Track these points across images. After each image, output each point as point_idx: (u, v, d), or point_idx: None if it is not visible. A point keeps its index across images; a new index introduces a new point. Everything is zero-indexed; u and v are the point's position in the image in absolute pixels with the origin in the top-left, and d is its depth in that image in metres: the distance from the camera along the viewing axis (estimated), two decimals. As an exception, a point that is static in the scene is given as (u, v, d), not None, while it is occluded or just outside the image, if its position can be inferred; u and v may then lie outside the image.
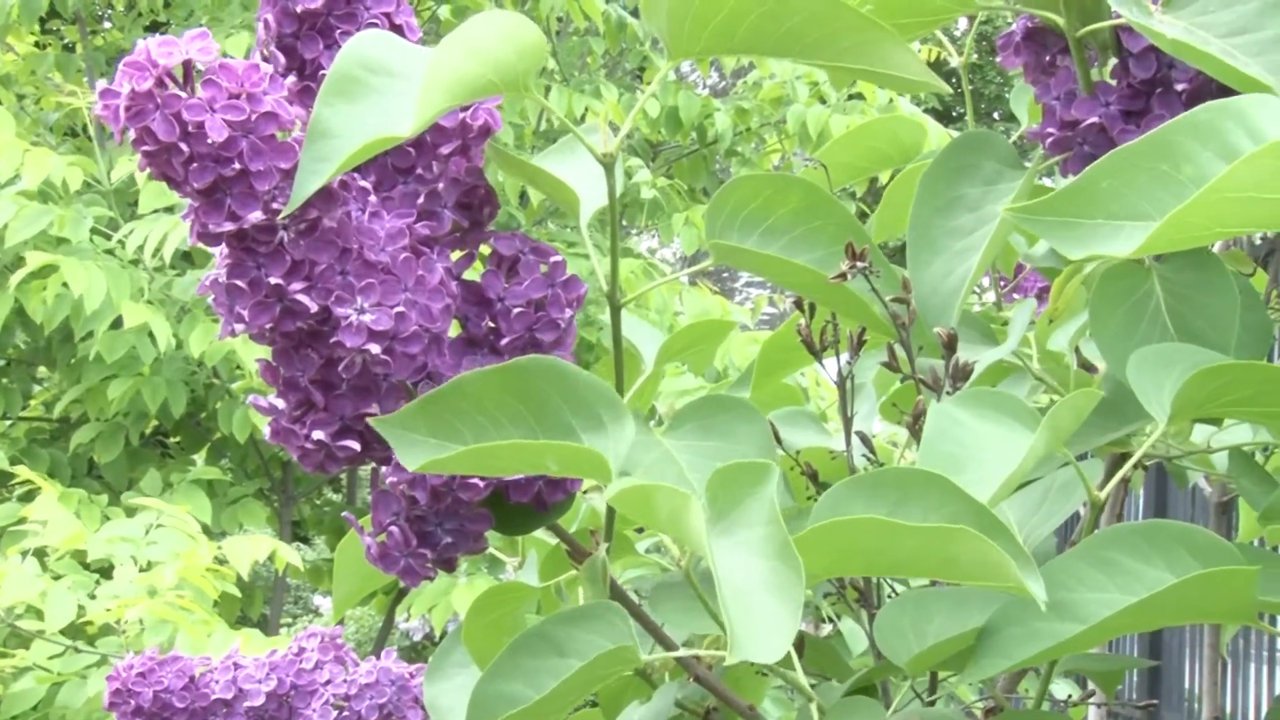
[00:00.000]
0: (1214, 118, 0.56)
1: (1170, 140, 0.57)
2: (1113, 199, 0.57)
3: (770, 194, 0.76)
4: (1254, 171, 0.51)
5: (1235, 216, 0.53)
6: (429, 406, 0.67)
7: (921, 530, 0.61)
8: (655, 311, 3.73)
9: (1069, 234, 0.58)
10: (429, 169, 0.70)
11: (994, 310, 1.17)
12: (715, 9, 0.65)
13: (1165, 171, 0.56)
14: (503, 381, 0.67)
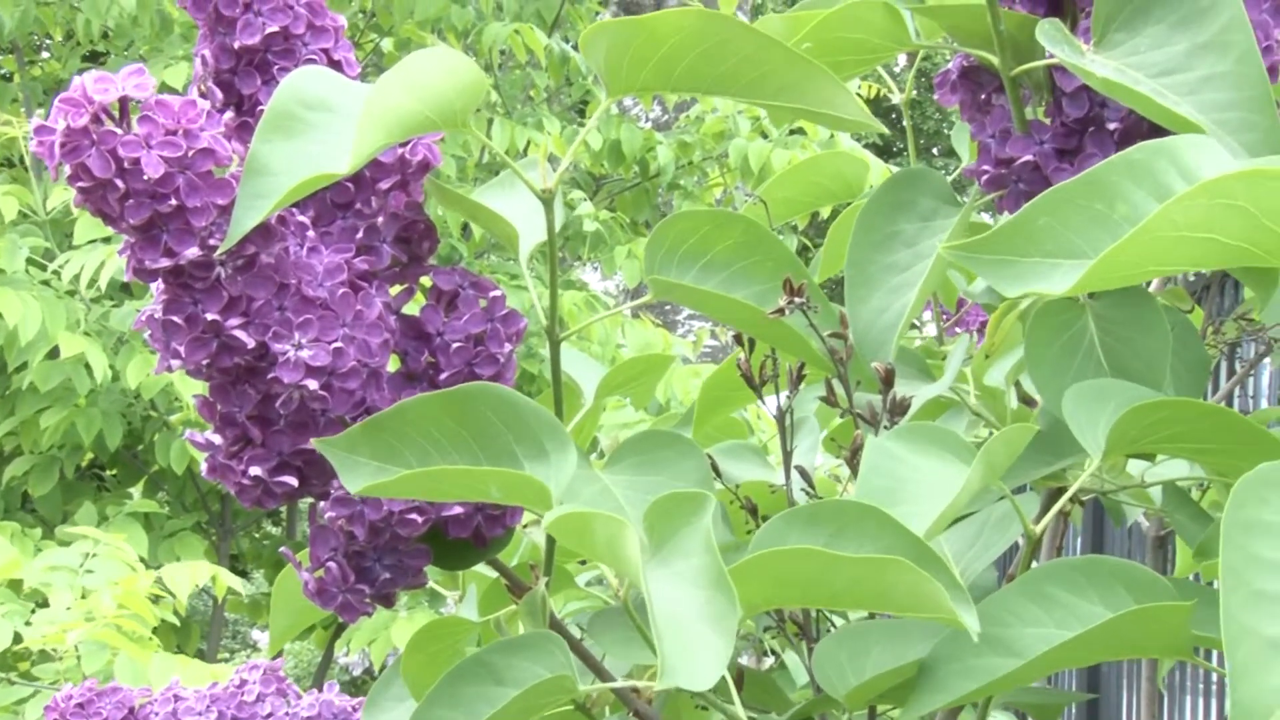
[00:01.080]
0: (1148, 157, 0.57)
1: (1105, 179, 0.58)
2: (1048, 237, 0.58)
3: (709, 229, 0.77)
4: (1186, 212, 0.51)
5: (1168, 255, 0.54)
6: (372, 430, 0.67)
7: (856, 561, 0.61)
8: (598, 344, 3.74)
9: (1005, 272, 0.59)
10: (368, 204, 0.70)
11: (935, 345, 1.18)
12: (653, 49, 0.66)
13: (1100, 210, 0.57)
14: (446, 406, 0.67)
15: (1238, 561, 0.50)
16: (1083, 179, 0.58)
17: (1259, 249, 0.52)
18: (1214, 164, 0.56)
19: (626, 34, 0.65)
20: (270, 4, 0.69)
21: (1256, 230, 0.51)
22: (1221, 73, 0.67)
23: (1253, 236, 0.52)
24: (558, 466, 0.68)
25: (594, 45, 0.67)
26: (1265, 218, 0.51)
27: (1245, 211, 0.51)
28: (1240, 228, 0.51)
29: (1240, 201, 0.51)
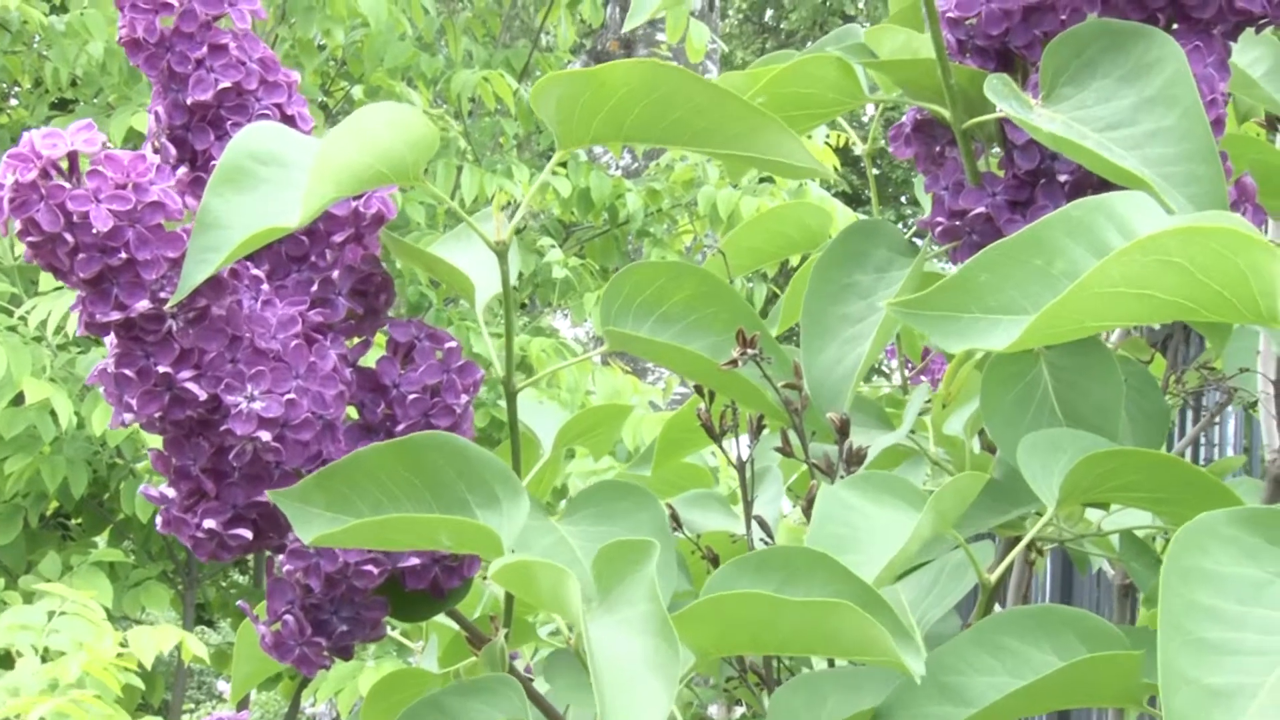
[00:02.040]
0: (1086, 214, 0.57)
1: (1044, 236, 0.58)
2: (989, 293, 0.58)
3: (665, 281, 0.77)
4: (1123, 267, 0.52)
5: (1106, 311, 0.54)
6: (326, 480, 0.67)
7: (804, 605, 0.61)
8: (567, 390, 3.74)
9: (948, 328, 0.59)
10: (323, 257, 0.71)
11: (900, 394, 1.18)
12: (603, 100, 0.66)
13: (1039, 266, 0.57)
14: (399, 456, 0.68)
15: (1177, 609, 0.50)
16: (1022, 235, 0.59)
17: (1195, 304, 0.53)
18: (1151, 221, 0.57)
19: (576, 86, 0.66)
20: (223, 60, 0.70)
21: (1192, 286, 0.52)
22: (1167, 127, 0.68)
23: (1188, 292, 0.52)
24: (509, 515, 0.68)
25: (545, 98, 0.67)
26: (1200, 273, 0.51)
27: (1181, 267, 0.51)
28: (1176, 283, 0.52)
29: (1176, 258, 0.51)
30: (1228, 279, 0.51)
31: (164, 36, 0.69)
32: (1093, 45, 0.71)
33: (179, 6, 0.69)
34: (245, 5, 0.70)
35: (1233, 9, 0.73)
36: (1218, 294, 0.52)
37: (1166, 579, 0.50)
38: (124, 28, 0.69)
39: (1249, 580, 0.51)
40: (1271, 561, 0.52)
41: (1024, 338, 0.55)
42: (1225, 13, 0.74)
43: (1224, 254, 0.51)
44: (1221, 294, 0.52)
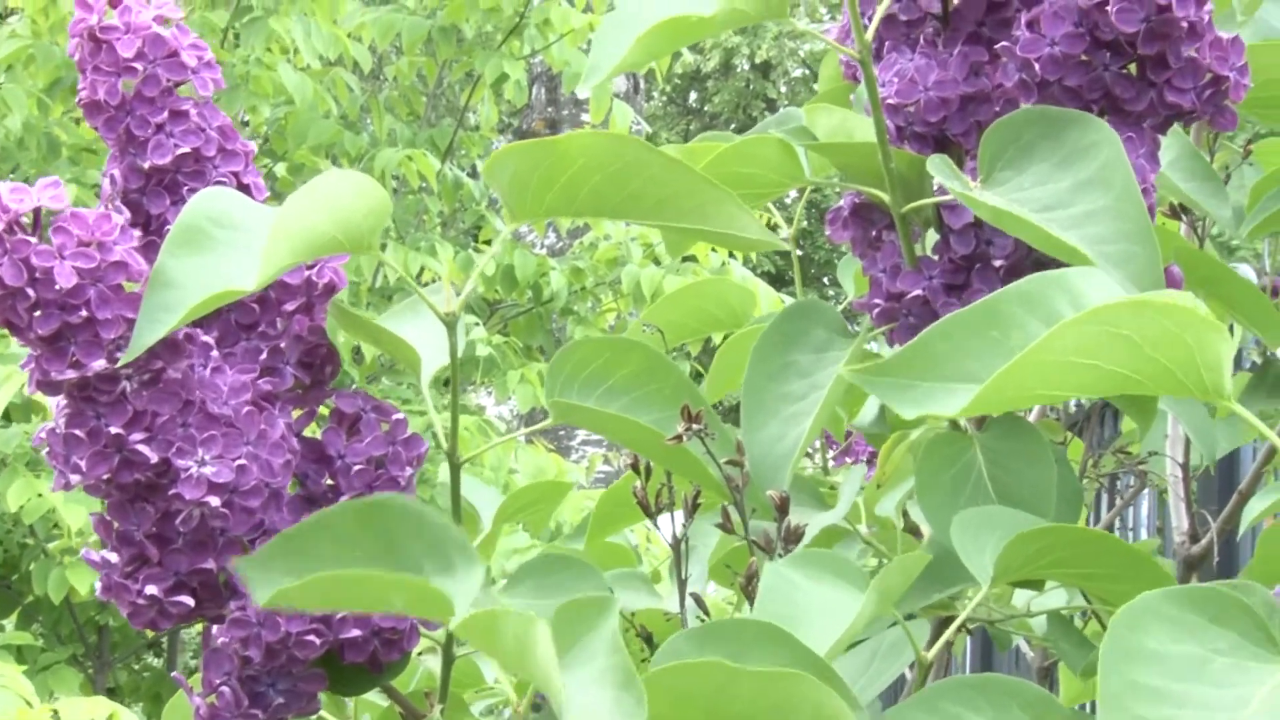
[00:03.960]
0: (1041, 287, 0.59)
1: (1000, 308, 0.60)
2: (946, 362, 0.59)
3: (610, 356, 0.78)
4: (1073, 337, 0.53)
5: (1056, 380, 0.56)
6: (286, 543, 0.66)
7: (760, 675, 0.61)
8: (490, 469, 3.72)
9: (904, 395, 0.60)
10: (272, 326, 0.71)
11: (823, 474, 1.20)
12: (559, 172, 0.67)
13: (996, 337, 0.59)
14: (357, 517, 0.67)
15: (1117, 688, 0.51)
16: (980, 306, 0.60)
17: (1141, 377, 0.54)
18: (1104, 295, 0.58)
19: (534, 157, 0.67)
20: (182, 126, 0.70)
21: (1139, 359, 0.53)
22: (1103, 207, 0.70)
23: (1136, 365, 0.54)
24: (464, 580, 0.68)
25: (499, 169, 0.68)
26: (1148, 347, 0.53)
27: (1129, 340, 0.53)
28: (1124, 356, 0.53)
29: (1125, 330, 0.53)
30: (1175, 354, 0.53)
31: (125, 100, 0.70)
32: (1029, 131, 0.74)
33: (142, 71, 0.69)
34: (207, 74, 0.70)
35: (1164, 103, 0.76)
36: (1164, 368, 0.53)
37: (1106, 658, 0.51)
38: (84, 89, 0.69)
39: (1190, 658, 0.52)
40: (1212, 639, 0.53)
41: (975, 403, 0.56)
42: (1156, 106, 0.76)
43: (1172, 329, 0.52)
44: (1168, 368, 0.53)
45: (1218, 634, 0.54)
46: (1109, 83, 0.76)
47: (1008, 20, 0.79)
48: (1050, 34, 0.76)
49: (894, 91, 0.79)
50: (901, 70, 0.79)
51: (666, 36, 0.70)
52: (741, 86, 11.95)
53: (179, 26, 0.70)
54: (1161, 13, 0.73)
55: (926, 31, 0.81)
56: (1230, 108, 0.77)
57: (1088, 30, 0.75)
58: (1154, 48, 0.75)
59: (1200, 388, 0.53)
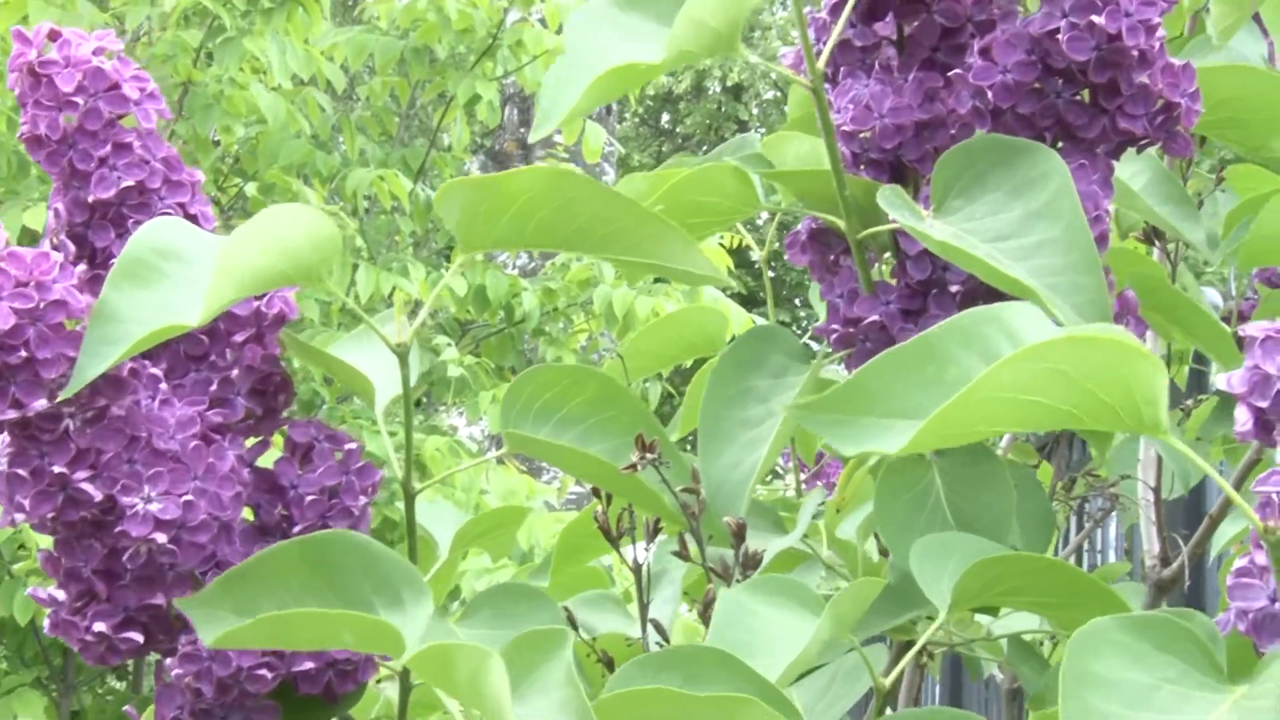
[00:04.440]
0: (977, 323, 0.59)
1: (936, 344, 0.60)
2: (883, 398, 0.59)
3: (566, 384, 0.78)
4: (1012, 374, 0.53)
5: (996, 416, 0.56)
6: (232, 583, 0.66)
7: (709, 700, 0.61)
8: (461, 490, 3.71)
9: (843, 431, 0.60)
10: (222, 356, 0.70)
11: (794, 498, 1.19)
12: (506, 206, 0.67)
13: (932, 373, 0.59)
14: (304, 554, 0.67)
15: (1075, 713, 0.52)
16: (916, 343, 0.60)
17: (1081, 412, 0.54)
18: (1040, 330, 0.58)
19: (480, 192, 0.67)
20: (126, 158, 0.70)
21: (1078, 394, 0.54)
22: (1052, 238, 0.70)
23: (1075, 400, 0.54)
24: (413, 615, 0.68)
25: (448, 203, 0.68)
26: (1086, 382, 0.53)
27: (1067, 376, 0.53)
28: (1063, 391, 0.54)
29: (1063, 366, 0.53)
30: (1112, 388, 0.53)
31: (67, 134, 0.69)
32: (982, 160, 0.74)
33: (83, 105, 0.69)
34: (150, 105, 0.70)
35: (1116, 129, 0.76)
36: (1102, 402, 0.53)
37: (1065, 684, 0.52)
38: (26, 124, 0.69)
39: (1140, 685, 0.53)
40: (1161, 667, 0.53)
41: (915, 441, 0.56)
42: (1109, 133, 0.77)
43: (1109, 364, 0.52)
44: (1106, 402, 0.53)
45: (1166, 662, 0.55)
46: (1062, 110, 0.76)
47: (962, 46, 0.79)
48: (1003, 61, 0.76)
49: (849, 118, 0.79)
50: (857, 96, 0.79)
51: (616, 82, 0.71)
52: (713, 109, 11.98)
53: (120, 58, 0.69)
54: (1112, 41, 0.74)
55: (882, 57, 0.81)
56: (1182, 133, 0.77)
57: (1040, 58, 0.76)
58: (1105, 75, 0.75)
59: (1137, 421, 0.53)
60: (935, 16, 0.79)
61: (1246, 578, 0.56)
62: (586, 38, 0.72)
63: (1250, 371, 0.55)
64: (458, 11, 4.34)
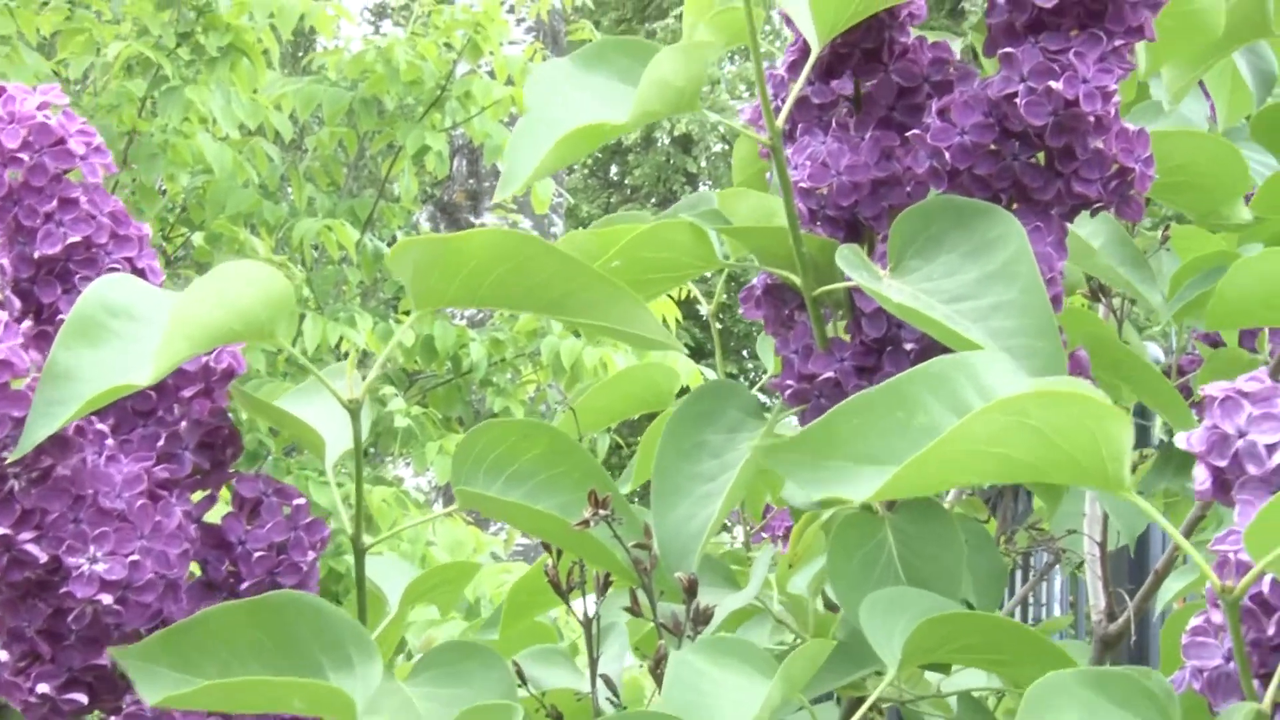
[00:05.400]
0: (946, 371, 0.59)
1: (906, 390, 0.60)
2: (852, 442, 0.59)
3: (516, 439, 0.77)
4: (985, 426, 0.53)
5: (966, 468, 0.56)
6: (172, 639, 0.65)
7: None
8: (408, 542, 3.68)
9: (810, 474, 0.60)
10: (170, 411, 0.70)
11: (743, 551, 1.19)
12: (460, 265, 0.67)
13: (900, 419, 0.59)
14: (251, 615, 0.66)
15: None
16: (886, 387, 0.60)
17: (1048, 465, 0.54)
18: (1008, 382, 0.59)
19: (434, 251, 0.66)
20: (72, 214, 0.69)
21: (1047, 448, 0.54)
22: (1008, 301, 0.70)
23: (1043, 453, 0.54)
24: (363, 678, 0.67)
25: (401, 261, 0.67)
26: (1055, 436, 0.53)
27: (1037, 430, 0.53)
28: (1032, 445, 0.54)
29: (1033, 420, 0.53)
30: (1080, 443, 0.53)
31: (12, 189, 0.69)
32: (939, 220, 0.74)
33: (29, 160, 0.68)
34: (96, 159, 0.69)
35: (1071, 193, 0.77)
36: (1070, 457, 0.54)
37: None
38: (-30, 180, 0.68)
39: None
40: None
41: (885, 489, 0.56)
42: (1064, 196, 0.77)
43: (1077, 418, 0.53)
44: (1073, 457, 0.54)
45: (1123, 717, 0.55)
46: (1018, 172, 0.77)
47: (919, 106, 0.80)
48: (961, 123, 0.77)
49: (806, 175, 0.79)
50: (814, 154, 0.79)
51: (581, 142, 0.71)
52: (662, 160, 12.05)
53: (66, 113, 0.69)
54: (1069, 106, 0.74)
55: (839, 114, 0.82)
56: (1136, 198, 0.78)
57: (997, 121, 0.76)
58: (1061, 140, 0.75)
59: (1103, 477, 0.54)
60: (893, 76, 0.79)
61: (1202, 636, 0.56)
62: (549, 98, 0.72)
63: (1209, 431, 0.55)
64: (406, 63, 4.35)
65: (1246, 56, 1.00)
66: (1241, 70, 1.00)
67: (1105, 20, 0.75)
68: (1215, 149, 0.84)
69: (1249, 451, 0.54)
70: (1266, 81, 0.99)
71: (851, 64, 0.80)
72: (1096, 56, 0.74)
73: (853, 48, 0.79)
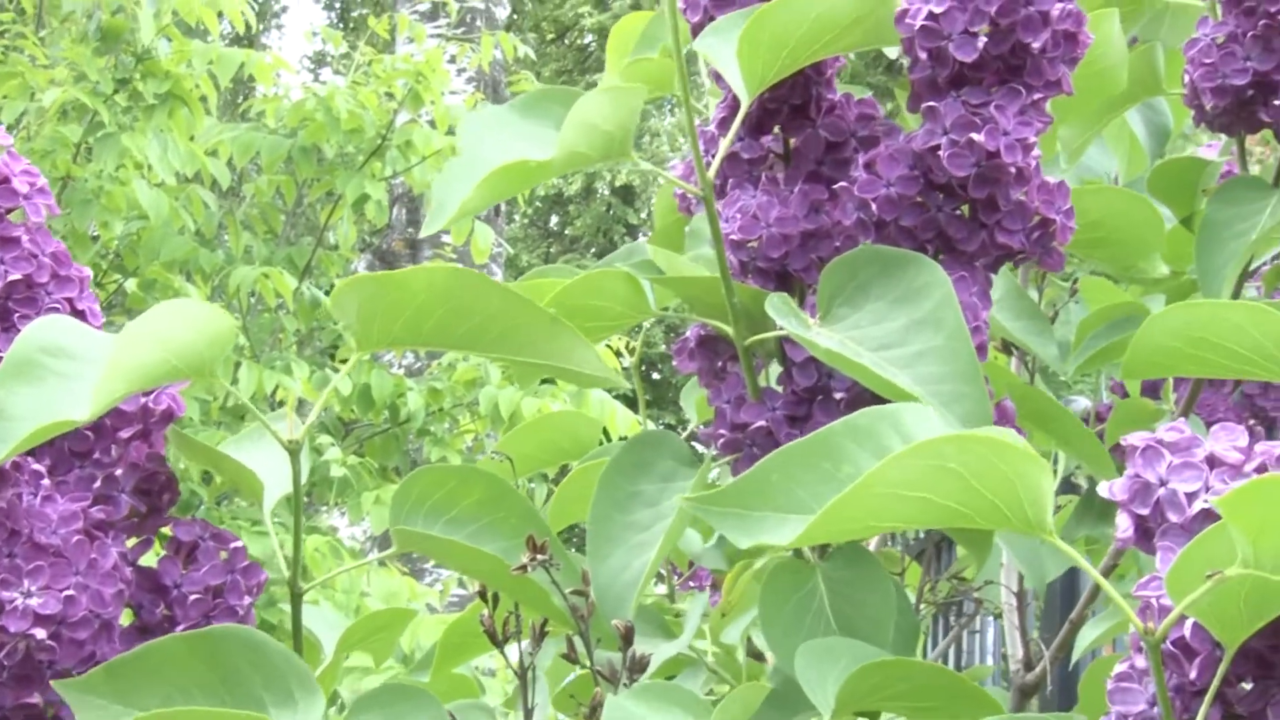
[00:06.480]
0: (871, 422, 0.61)
1: (831, 440, 0.61)
2: (779, 493, 0.61)
3: (454, 485, 0.78)
4: (901, 470, 0.55)
5: (885, 512, 0.57)
6: (114, 671, 0.65)
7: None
8: (342, 592, 3.66)
9: (739, 524, 0.61)
10: (107, 453, 0.70)
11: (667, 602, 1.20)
12: (403, 305, 0.67)
13: (827, 469, 0.60)
14: (194, 648, 0.66)
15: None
16: (812, 439, 0.62)
17: (968, 510, 0.55)
18: (932, 430, 0.60)
19: (378, 290, 0.67)
20: (13, 253, 0.69)
21: (966, 492, 0.55)
22: (935, 347, 0.72)
23: (963, 498, 0.55)
24: (305, 713, 0.67)
25: (345, 301, 0.68)
26: (974, 480, 0.54)
27: (956, 474, 0.54)
28: (951, 489, 0.55)
29: (951, 464, 0.54)
30: (999, 488, 0.54)
31: (-45, 228, 0.69)
32: (866, 270, 0.76)
33: (-29, 199, 0.69)
34: (40, 200, 0.70)
35: (994, 243, 0.79)
36: (989, 501, 0.55)
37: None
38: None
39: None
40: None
41: (807, 534, 0.57)
42: (988, 247, 0.79)
43: (995, 463, 0.54)
44: (993, 501, 0.55)
45: None
46: (943, 223, 0.79)
47: (846, 160, 0.82)
48: (886, 175, 0.78)
49: (737, 228, 0.81)
50: (744, 207, 0.81)
51: (507, 180, 0.72)
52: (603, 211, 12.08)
53: (10, 153, 0.69)
54: (991, 158, 0.76)
55: (769, 168, 0.84)
56: (1058, 249, 0.80)
57: (922, 173, 0.78)
58: (984, 191, 0.77)
59: (1024, 521, 0.55)
60: (820, 131, 0.81)
61: (1126, 682, 0.58)
62: (481, 138, 0.73)
63: (1131, 480, 0.56)
64: (347, 112, 4.36)
65: (1142, 113, 1.03)
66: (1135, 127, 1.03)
67: (1024, 75, 0.77)
68: (1130, 204, 0.86)
69: (1170, 500, 0.55)
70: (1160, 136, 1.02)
71: (780, 119, 0.82)
72: (1016, 110, 0.76)
73: (781, 103, 0.81)
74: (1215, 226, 0.88)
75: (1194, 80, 0.91)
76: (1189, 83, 0.92)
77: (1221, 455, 0.55)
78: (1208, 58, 0.90)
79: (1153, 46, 0.97)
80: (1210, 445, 0.56)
